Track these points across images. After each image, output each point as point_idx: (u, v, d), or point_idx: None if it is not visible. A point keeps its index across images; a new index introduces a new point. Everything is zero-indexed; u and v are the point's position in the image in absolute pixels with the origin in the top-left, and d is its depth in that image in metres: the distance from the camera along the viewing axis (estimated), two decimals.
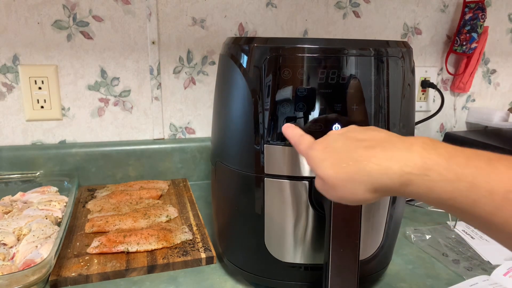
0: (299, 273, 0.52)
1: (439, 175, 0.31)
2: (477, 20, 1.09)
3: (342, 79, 0.46)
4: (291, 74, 0.46)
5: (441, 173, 0.31)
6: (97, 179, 0.89)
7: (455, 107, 1.28)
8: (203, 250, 0.63)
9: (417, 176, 0.31)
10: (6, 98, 0.83)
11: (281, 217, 0.50)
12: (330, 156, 0.37)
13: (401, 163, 0.32)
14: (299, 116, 0.46)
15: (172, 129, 0.96)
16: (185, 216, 0.74)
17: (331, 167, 0.36)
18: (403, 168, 0.32)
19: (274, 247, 0.51)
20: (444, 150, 0.32)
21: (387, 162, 0.33)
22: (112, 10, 0.85)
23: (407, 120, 0.51)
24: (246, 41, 0.49)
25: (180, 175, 0.96)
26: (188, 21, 0.91)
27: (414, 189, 0.32)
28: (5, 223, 0.63)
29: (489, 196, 0.28)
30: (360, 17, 1.06)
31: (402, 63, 0.49)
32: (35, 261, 0.54)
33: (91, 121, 0.90)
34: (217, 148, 0.55)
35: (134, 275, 0.58)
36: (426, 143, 0.33)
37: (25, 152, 0.84)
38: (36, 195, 0.74)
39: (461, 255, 0.66)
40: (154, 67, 0.90)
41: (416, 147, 0.33)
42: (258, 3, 0.95)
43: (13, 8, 0.79)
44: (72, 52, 0.84)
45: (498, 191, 0.28)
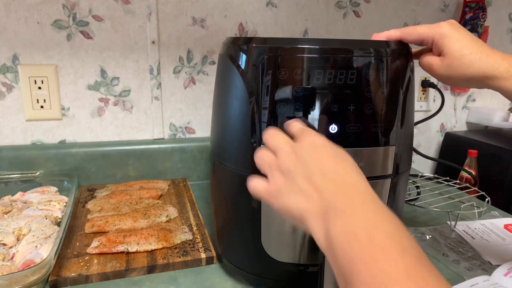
0: (297, 273, 0.52)
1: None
2: (477, 20, 1.09)
3: (340, 80, 0.46)
4: (288, 74, 0.46)
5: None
6: (97, 179, 0.89)
7: (455, 107, 1.28)
8: (203, 250, 0.63)
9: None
10: (6, 98, 0.83)
11: (278, 217, 0.50)
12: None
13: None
14: (296, 116, 0.46)
15: (172, 129, 0.96)
16: (185, 216, 0.74)
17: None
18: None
19: (271, 247, 0.51)
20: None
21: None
22: (112, 10, 0.85)
23: (406, 120, 0.50)
24: (245, 41, 0.49)
25: (180, 175, 0.95)
26: (188, 21, 0.91)
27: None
28: (4, 223, 0.63)
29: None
30: (360, 17, 1.05)
31: (402, 63, 0.49)
32: (35, 261, 0.54)
33: (91, 121, 0.89)
34: (216, 148, 0.55)
35: (134, 275, 0.58)
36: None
37: (25, 152, 0.84)
38: (36, 195, 0.74)
39: (462, 255, 0.66)
40: (154, 67, 0.90)
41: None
42: (258, 3, 0.95)
43: (12, 8, 0.79)
44: (72, 52, 0.84)
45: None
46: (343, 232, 0.30)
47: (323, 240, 0.32)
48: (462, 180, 1.05)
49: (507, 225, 0.76)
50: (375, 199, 0.33)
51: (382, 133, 0.48)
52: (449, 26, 0.47)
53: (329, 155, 0.37)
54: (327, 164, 0.36)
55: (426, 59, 0.50)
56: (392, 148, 0.49)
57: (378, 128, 0.48)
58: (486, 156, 1.10)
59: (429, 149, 1.29)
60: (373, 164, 0.49)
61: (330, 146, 0.38)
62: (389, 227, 0.30)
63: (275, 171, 0.38)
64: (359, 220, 0.31)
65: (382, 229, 0.30)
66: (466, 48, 0.46)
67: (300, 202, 0.35)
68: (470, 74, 0.46)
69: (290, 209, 0.36)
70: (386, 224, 0.30)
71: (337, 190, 0.34)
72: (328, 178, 0.34)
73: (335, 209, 0.32)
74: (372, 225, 0.30)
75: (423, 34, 0.49)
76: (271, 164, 0.38)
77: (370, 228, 0.30)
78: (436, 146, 1.30)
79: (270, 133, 0.41)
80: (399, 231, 0.30)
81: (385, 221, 0.31)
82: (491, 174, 1.09)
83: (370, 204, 0.32)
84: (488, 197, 0.84)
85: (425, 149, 1.27)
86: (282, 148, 0.38)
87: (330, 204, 0.33)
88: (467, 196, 0.92)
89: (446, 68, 0.48)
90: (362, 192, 0.33)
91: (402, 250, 0.28)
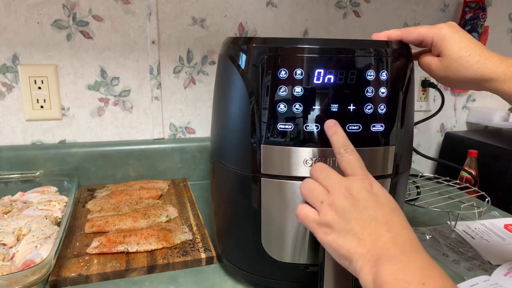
0: (297, 273, 0.52)
1: None
2: (477, 20, 1.09)
3: (340, 79, 0.46)
4: (288, 74, 0.46)
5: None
6: (97, 179, 0.89)
7: (455, 107, 1.28)
8: (203, 250, 0.63)
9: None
10: (6, 98, 0.83)
11: (278, 217, 0.50)
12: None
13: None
14: (296, 116, 0.46)
15: (172, 129, 0.96)
16: (185, 216, 0.74)
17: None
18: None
19: (271, 247, 0.51)
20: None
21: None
22: (112, 10, 0.85)
23: (406, 120, 0.50)
24: (245, 41, 0.49)
25: (180, 175, 0.95)
26: (188, 21, 0.91)
27: None
28: (4, 223, 0.63)
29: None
30: (361, 17, 1.05)
31: (401, 63, 0.49)
32: (35, 261, 0.54)
33: (91, 121, 0.89)
34: (216, 148, 0.55)
35: (134, 275, 0.58)
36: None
37: (24, 152, 0.84)
38: (35, 195, 0.74)
39: (462, 256, 0.66)
40: (154, 66, 0.90)
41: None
42: (258, 3, 0.95)
43: (12, 8, 0.79)
44: (72, 52, 0.84)
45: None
46: (396, 278, 0.32)
47: (370, 282, 0.34)
48: (462, 180, 1.05)
49: (507, 225, 0.76)
50: (425, 253, 0.35)
51: (382, 133, 0.48)
52: (448, 27, 0.48)
53: (385, 205, 0.38)
54: (383, 214, 0.37)
55: (425, 60, 0.51)
56: (392, 148, 0.49)
57: (378, 128, 0.48)
58: (486, 156, 1.10)
59: (429, 149, 1.29)
60: (373, 164, 0.49)
61: (386, 196, 0.39)
62: (441, 279, 0.32)
63: (327, 206, 0.39)
64: (412, 268, 0.32)
65: (435, 279, 0.32)
66: (465, 50, 0.47)
67: (352, 244, 0.36)
68: (468, 76, 0.47)
69: (340, 247, 0.37)
70: (438, 276, 0.32)
71: (391, 240, 0.35)
72: (383, 228, 0.36)
73: (389, 257, 0.34)
74: (425, 275, 0.32)
75: (423, 34, 0.49)
76: (323, 198, 0.39)
77: (424, 277, 0.32)
78: (436, 146, 1.30)
79: (320, 167, 0.42)
80: (448, 282, 0.32)
81: (437, 273, 0.32)
82: (491, 174, 1.09)
83: (422, 256, 0.34)
84: (488, 197, 0.84)
85: (425, 149, 1.27)
86: (336, 186, 0.39)
87: (383, 251, 0.34)
88: (467, 196, 0.92)
89: (445, 69, 0.48)
90: (414, 245, 0.35)
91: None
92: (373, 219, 0.36)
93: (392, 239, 0.35)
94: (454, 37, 0.47)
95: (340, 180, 0.40)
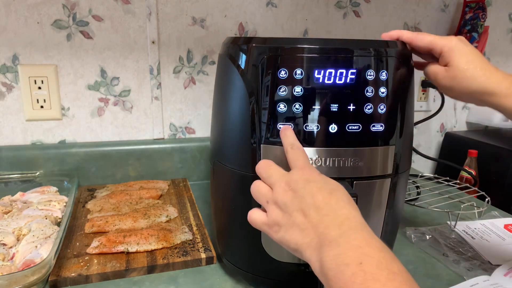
0: (297, 273, 0.52)
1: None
2: (477, 20, 1.09)
3: (340, 79, 0.46)
4: (288, 74, 0.46)
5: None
6: (97, 179, 0.89)
7: (455, 107, 1.28)
8: (203, 250, 0.63)
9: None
10: (6, 98, 0.83)
11: None
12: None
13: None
14: (296, 116, 0.46)
15: (172, 129, 0.96)
16: (185, 216, 0.74)
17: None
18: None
19: (271, 247, 0.51)
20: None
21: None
22: (112, 10, 0.85)
23: (405, 120, 0.51)
24: (245, 41, 0.49)
25: (180, 175, 0.95)
26: (188, 21, 0.91)
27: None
28: (4, 223, 0.63)
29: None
30: (360, 17, 1.05)
31: (401, 63, 0.49)
32: (35, 261, 0.54)
33: (91, 121, 0.89)
34: (215, 148, 0.55)
35: (134, 275, 0.58)
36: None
37: (24, 152, 0.84)
38: (35, 195, 0.74)
39: (462, 255, 0.66)
40: (154, 66, 0.90)
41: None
42: (258, 3, 0.95)
43: (12, 8, 0.79)
44: (72, 52, 0.84)
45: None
46: (336, 262, 0.33)
47: (318, 270, 0.34)
48: (462, 180, 1.05)
49: (507, 225, 0.76)
50: (366, 230, 0.35)
51: (382, 133, 0.48)
52: (458, 40, 0.50)
53: (322, 189, 0.38)
54: (321, 198, 0.37)
55: (432, 68, 0.52)
56: (392, 148, 0.50)
57: (378, 128, 0.48)
58: (486, 156, 1.10)
59: (429, 149, 1.29)
60: (373, 164, 0.49)
61: (324, 180, 0.40)
62: (378, 255, 0.32)
63: (272, 204, 0.40)
64: (350, 250, 0.33)
65: (372, 256, 0.32)
66: (472, 62, 0.48)
67: (297, 236, 0.37)
68: (472, 88, 0.48)
69: (288, 242, 0.38)
70: (376, 252, 0.33)
71: (330, 224, 0.36)
72: (322, 213, 0.37)
73: (329, 242, 0.34)
74: (362, 254, 0.32)
75: (433, 43, 0.50)
76: (268, 197, 0.41)
77: (361, 257, 0.32)
78: (436, 146, 1.30)
79: (263, 165, 0.43)
80: (388, 258, 0.32)
81: (375, 249, 0.33)
82: (491, 174, 1.09)
83: (361, 235, 0.34)
84: (488, 197, 0.84)
85: (425, 149, 1.27)
86: (277, 182, 0.40)
87: (324, 237, 0.35)
88: (467, 196, 0.92)
89: (450, 79, 0.50)
90: (353, 223, 0.36)
91: (391, 274, 0.31)
92: (312, 206, 0.37)
93: (331, 222, 0.36)
94: (464, 50, 0.49)
95: (281, 176, 0.41)
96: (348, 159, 0.47)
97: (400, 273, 0.31)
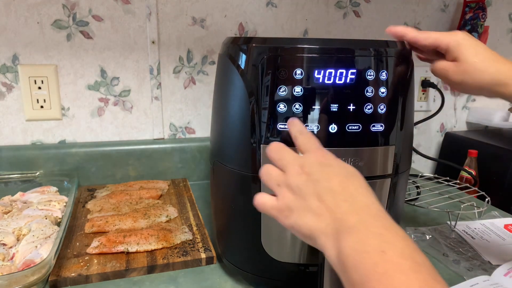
0: (297, 273, 0.52)
1: None
2: (477, 20, 1.09)
3: (340, 79, 0.46)
4: (288, 74, 0.46)
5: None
6: (97, 179, 0.89)
7: (455, 107, 1.28)
8: (203, 250, 0.63)
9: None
10: (6, 98, 0.83)
11: None
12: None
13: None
14: (296, 116, 0.46)
15: (172, 129, 0.96)
16: (185, 216, 0.74)
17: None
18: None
19: (271, 247, 0.51)
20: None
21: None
22: (112, 10, 0.85)
23: (405, 120, 0.50)
24: (245, 41, 0.49)
25: (180, 175, 0.95)
26: (188, 21, 0.91)
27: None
28: (4, 223, 0.63)
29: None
30: (361, 17, 1.05)
31: (401, 63, 0.49)
32: (35, 261, 0.54)
33: (91, 121, 0.89)
34: (215, 148, 0.55)
35: (134, 275, 0.58)
36: None
37: (24, 152, 0.84)
38: (35, 195, 0.74)
39: (462, 255, 0.65)
40: (154, 66, 0.90)
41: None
42: (258, 3, 0.95)
43: (12, 8, 0.79)
44: (72, 52, 0.84)
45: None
46: (355, 249, 0.31)
47: (335, 258, 0.32)
48: (462, 180, 1.05)
49: (507, 225, 0.76)
50: (386, 217, 0.33)
51: (382, 133, 0.48)
52: (464, 34, 0.50)
53: (339, 174, 0.37)
54: (338, 183, 0.36)
55: (441, 65, 0.51)
56: (392, 148, 0.50)
57: (378, 128, 0.48)
58: (486, 156, 1.10)
59: (429, 149, 1.29)
60: (373, 164, 0.49)
61: (340, 164, 0.38)
62: (401, 243, 0.30)
63: (283, 188, 0.38)
64: (371, 237, 0.31)
65: (394, 245, 0.30)
66: (481, 55, 0.48)
67: (311, 221, 0.35)
68: (484, 80, 0.48)
69: (301, 228, 0.36)
70: (398, 240, 0.31)
71: (348, 209, 0.34)
72: (339, 198, 0.35)
73: (347, 228, 0.32)
74: (384, 242, 0.30)
75: (438, 40, 0.50)
76: (279, 180, 0.38)
77: (383, 245, 0.30)
78: (436, 146, 1.30)
79: (275, 147, 0.41)
80: (411, 247, 0.30)
81: (397, 238, 0.31)
82: (491, 174, 1.09)
83: (381, 222, 0.33)
84: (488, 197, 0.84)
85: (425, 149, 1.27)
86: (290, 165, 0.38)
87: (342, 223, 0.33)
88: (467, 196, 0.92)
89: (462, 74, 0.49)
90: (373, 210, 0.34)
91: (415, 265, 0.29)
92: (329, 190, 0.35)
93: (349, 208, 0.34)
94: (470, 43, 0.49)
95: (295, 159, 0.39)
96: (348, 159, 0.47)
97: (424, 264, 0.29)
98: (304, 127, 0.42)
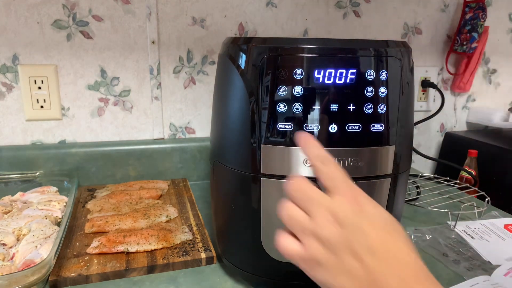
0: (297, 273, 0.52)
1: None
2: (477, 20, 1.09)
3: (340, 79, 0.46)
4: (288, 74, 0.46)
5: None
6: (97, 179, 0.89)
7: (455, 107, 1.28)
8: (203, 250, 0.63)
9: None
10: (6, 98, 0.83)
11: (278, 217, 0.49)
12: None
13: None
14: (296, 116, 0.46)
15: (172, 129, 0.96)
16: (185, 216, 0.74)
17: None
18: None
19: (271, 247, 0.51)
20: None
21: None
22: (112, 10, 0.85)
23: (405, 120, 0.50)
24: (245, 41, 0.49)
25: (180, 175, 0.95)
26: (188, 21, 0.91)
27: None
28: (4, 223, 0.63)
29: None
30: (361, 17, 1.05)
31: (401, 63, 0.49)
32: (35, 261, 0.54)
33: (91, 121, 0.89)
34: (215, 148, 0.55)
35: (134, 275, 0.58)
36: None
37: (24, 152, 0.84)
38: (35, 195, 0.74)
39: (462, 255, 0.65)
40: (154, 66, 0.90)
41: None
42: (258, 3, 0.95)
43: (12, 8, 0.79)
44: (72, 52, 0.84)
45: None
46: None
47: None
48: (462, 180, 1.05)
49: (507, 225, 0.76)
50: (429, 279, 0.31)
51: (382, 133, 0.48)
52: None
53: (376, 226, 0.32)
54: (375, 237, 0.31)
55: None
56: (392, 148, 0.50)
57: (378, 128, 0.48)
58: (486, 156, 1.10)
59: (429, 149, 1.29)
60: (373, 164, 0.49)
61: (375, 211, 0.34)
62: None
63: (310, 237, 0.34)
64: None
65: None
66: None
67: (346, 282, 0.32)
68: None
69: (331, 286, 0.33)
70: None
71: (388, 271, 0.30)
72: (378, 256, 0.31)
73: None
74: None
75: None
76: (305, 227, 0.34)
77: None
78: (436, 146, 1.30)
79: (298, 185, 0.35)
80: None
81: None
82: (491, 174, 1.09)
83: (423, 285, 0.30)
84: (488, 197, 0.84)
85: (425, 149, 1.27)
86: (317, 210, 0.33)
87: (381, 285, 0.30)
88: (467, 196, 0.92)
89: None
90: (415, 271, 0.31)
91: None
92: (366, 248, 0.31)
93: (389, 269, 0.30)
94: None
95: (322, 201, 0.34)
96: (348, 159, 0.47)
97: None
98: (323, 149, 0.36)
